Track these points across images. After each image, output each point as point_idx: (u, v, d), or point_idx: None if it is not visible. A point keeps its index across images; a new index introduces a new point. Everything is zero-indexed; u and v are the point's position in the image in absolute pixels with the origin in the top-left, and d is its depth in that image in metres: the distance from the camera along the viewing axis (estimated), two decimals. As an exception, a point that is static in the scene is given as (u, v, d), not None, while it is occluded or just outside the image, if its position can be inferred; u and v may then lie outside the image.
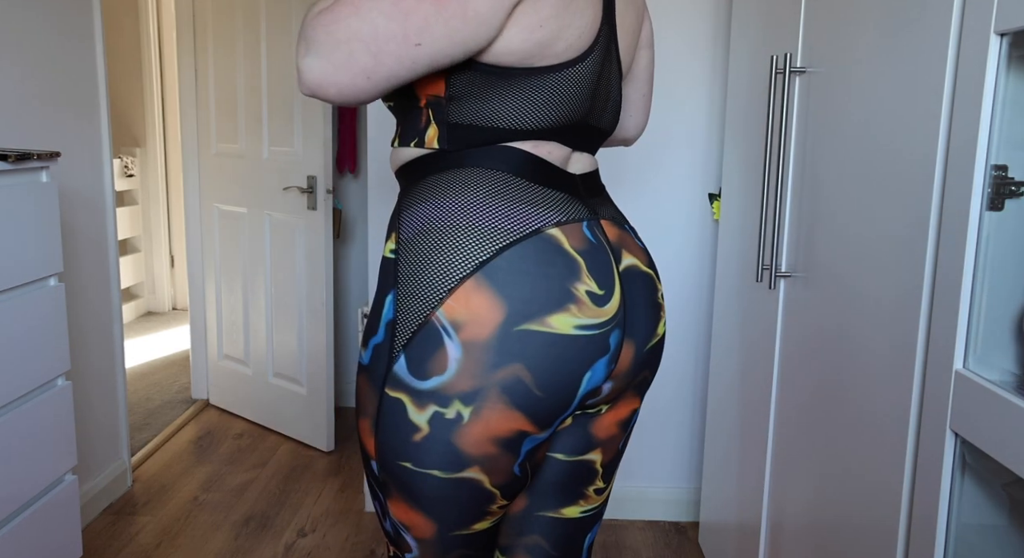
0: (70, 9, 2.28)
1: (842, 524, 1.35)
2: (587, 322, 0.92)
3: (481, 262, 0.90)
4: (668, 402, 2.47)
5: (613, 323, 0.96)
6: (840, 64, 1.38)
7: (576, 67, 0.97)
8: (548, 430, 0.97)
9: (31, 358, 1.61)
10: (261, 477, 2.77)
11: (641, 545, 2.35)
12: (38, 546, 1.66)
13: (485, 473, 0.95)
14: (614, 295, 0.96)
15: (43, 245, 1.64)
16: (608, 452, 1.11)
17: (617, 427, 1.10)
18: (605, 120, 1.07)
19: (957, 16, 1.02)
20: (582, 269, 0.93)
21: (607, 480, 1.14)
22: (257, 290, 3.14)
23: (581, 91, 0.98)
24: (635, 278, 1.02)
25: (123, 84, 4.74)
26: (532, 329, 0.89)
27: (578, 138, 1.03)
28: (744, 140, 1.93)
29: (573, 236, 0.94)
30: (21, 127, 2.08)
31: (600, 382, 0.98)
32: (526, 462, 0.98)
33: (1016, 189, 0.96)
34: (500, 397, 0.90)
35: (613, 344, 0.97)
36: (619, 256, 1.00)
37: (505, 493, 0.99)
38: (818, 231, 1.46)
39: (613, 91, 1.07)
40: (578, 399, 0.96)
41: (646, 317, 1.02)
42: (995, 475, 1.02)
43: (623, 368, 1.01)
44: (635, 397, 1.09)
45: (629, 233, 1.05)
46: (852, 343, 1.31)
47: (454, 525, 1.00)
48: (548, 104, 0.96)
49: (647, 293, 1.03)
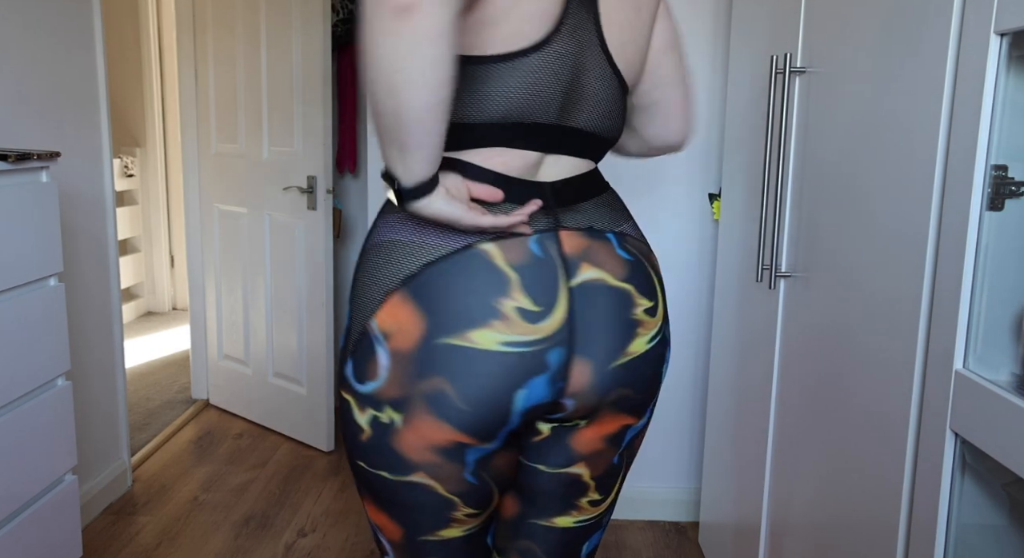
0: (70, 10, 2.28)
1: (842, 524, 1.35)
2: (516, 339, 0.91)
3: (407, 277, 0.92)
4: (668, 402, 2.47)
5: (551, 341, 0.93)
6: (840, 64, 1.38)
7: (530, 57, 0.90)
8: (493, 442, 0.96)
9: (31, 358, 1.61)
10: (261, 477, 2.77)
11: (641, 545, 2.35)
12: (38, 546, 1.66)
13: (434, 479, 0.97)
14: (555, 312, 0.93)
15: (43, 245, 1.64)
16: (597, 466, 1.07)
17: (603, 442, 1.05)
18: (589, 121, 0.99)
19: (957, 16, 1.02)
20: (513, 285, 0.91)
21: (604, 492, 1.10)
22: (257, 290, 3.14)
23: (538, 86, 0.91)
24: (595, 293, 0.96)
25: (123, 84, 4.74)
26: (453, 343, 0.91)
27: (550, 141, 0.96)
28: (744, 140, 1.93)
29: (511, 251, 0.92)
30: (21, 127, 2.08)
31: (546, 399, 0.95)
32: (480, 472, 0.98)
33: (1016, 189, 0.96)
34: (426, 407, 0.92)
35: (553, 362, 0.93)
36: (574, 270, 0.95)
37: (468, 501, 1.00)
38: (818, 231, 1.46)
39: (599, 90, 0.99)
40: (517, 415, 0.94)
41: (610, 334, 0.97)
42: (995, 475, 1.02)
43: (581, 386, 0.97)
44: (622, 414, 1.03)
45: (610, 243, 0.99)
46: (852, 343, 1.31)
47: (419, 530, 1.02)
48: (492, 101, 0.91)
49: (613, 309, 0.97)
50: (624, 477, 1.13)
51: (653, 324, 1.02)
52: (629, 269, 1.00)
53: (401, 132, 0.82)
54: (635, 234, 1.05)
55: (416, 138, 0.82)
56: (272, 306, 3.10)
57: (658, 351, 1.04)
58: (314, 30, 2.77)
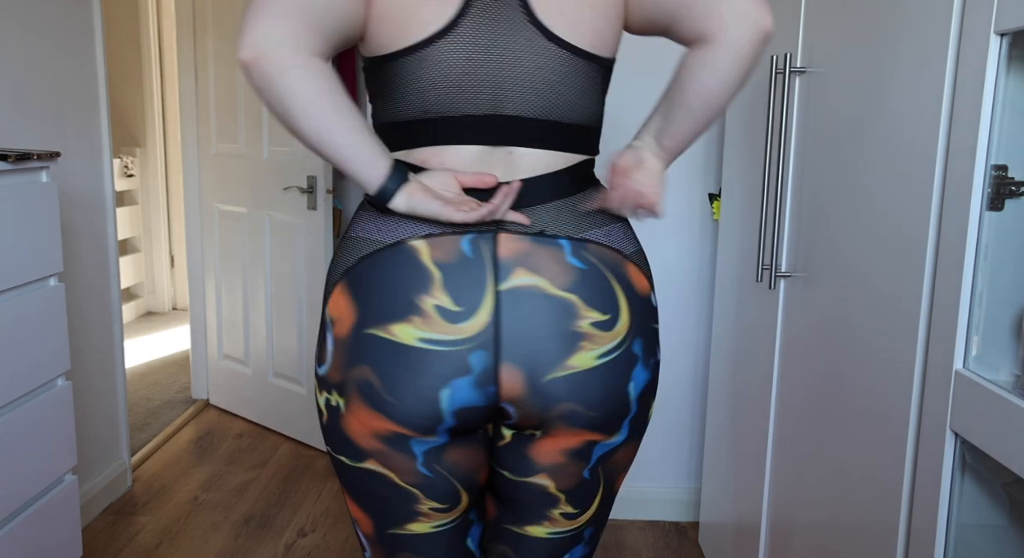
0: (70, 10, 2.28)
1: (842, 524, 1.35)
2: (434, 337, 0.91)
3: (347, 269, 0.96)
4: (668, 402, 2.47)
5: (473, 343, 0.92)
6: (840, 64, 1.38)
7: (435, 46, 0.90)
8: (436, 436, 0.96)
9: (31, 358, 1.61)
10: (261, 477, 2.77)
11: (641, 545, 2.35)
12: (38, 546, 1.66)
13: (386, 468, 0.99)
14: (477, 314, 0.91)
15: (43, 245, 1.64)
16: (563, 480, 1.03)
17: (564, 457, 1.01)
18: (531, 107, 0.93)
19: (957, 16, 1.02)
20: (435, 283, 0.92)
21: (579, 507, 1.06)
22: (257, 290, 3.14)
23: (450, 75, 0.91)
24: (527, 300, 0.92)
25: (123, 84, 4.74)
26: (377, 334, 0.93)
27: (489, 133, 0.93)
28: (744, 140, 1.93)
29: (440, 249, 0.92)
30: (21, 127, 2.08)
31: (477, 402, 0.94)
32: (433, 465, 0.99)
33: (1016, 189, 0.96)
34: (358, 394, 0.95)
35: (476, 365, 0.92)
36: (505, 274, 0.92)
37: (428, 494, 1.01)
38: (818, 231, 1.46)
39: (536, 70, 0.92)
40: (449, 413, 0.94)
41: (543, 343, 0.93)
42: (995, 475, 1.02)
43: (516, 394, 0.95)
44: (580, 430, 0.98)
45: (560, 249, 0.94)
46: (852, 343, 1.31)
47: (387, 522, 1.04)
48: (407, 96, 0.93)
49: (547, 318, 0.93)
50: (606, 494, 1.08)
51: (606, 339, 0.95)
52: (576, 278, 0.94)
53: (321, 154, 0.90)
54: (607, 242, 0.98)
55: (332, 156, 0.90)
56: (272, 306, 3.10)
57: (618, 368, 0.97)
58: (314, 30, 2.76)
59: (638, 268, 1.00)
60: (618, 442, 1.02)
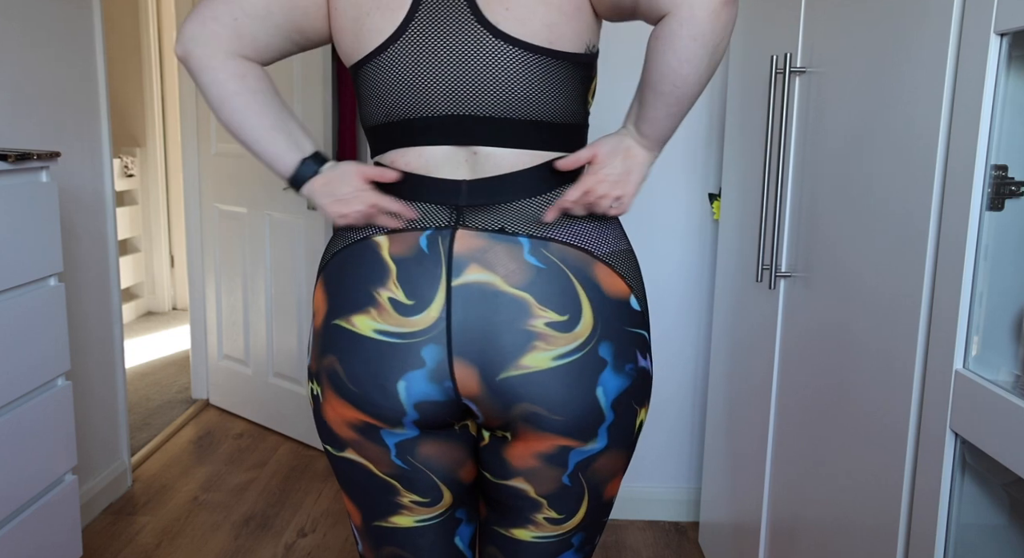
0: (70, 10, 2.28)
1: (842, 524, 1.35)
2: (387, 328, 0.94)
3: (324, 264, 1.02)
4: (668, 402, 2.47)
5: (424, 337, 0.93)
6: (840, 64, 1.38)
7: (387, 52, 0.93)
8: (404, 429, 0.99)
9: (31, 358, 1.61)
10: (261, 477, 2.77)
11: (641, 545, 2.35)
12: (38, 546, 1.66)
13: (364, 458, 1.02)
14: (429, 308, 0.93)
15: (43, 245, 1.64)
16: (541, 485, 1.02)
17: (538, 461, 1.00)
18: (485, 105, 0.93)
19: (957, 16, 1.02)
20: (391, 276, 0.94)
21: (563, 512, 1.04)
22: (257, 290, 3.14)
23: (401, 79, 0.93)
24: (479, 296, 0.92)
25: (123, 84, 4.74)
26: (341, 325, 0.97)
27: (448, 133, 0.94)
28: (744, 140, 1.93)
29: (399, 244, 0.95)
30: (21, 127, 2.08)
31: (435, 396, 0.95)
32: (406, 457, 1.02)
33: (1016, 189, 0.96)
34: (329, 383, 0.99)
35: (429, 359, 0.93)
36: (459, 270, 0.93)
37: (407, 486, 1.04)
38: (818, 231, 1.46)
39: (486, 68, 0.92)
40: (410, 406, 0.95)
41: (496, 341, 0.92)
42: (995, 475, 1.02)
43: (473, 392, 0.95)
44: (549, 433, 0.97)
45: (518, 247, 0.93)
46: (852, 343, 1.31)
47: (372, 513, 1.07)
48: (371, 102, 0.98)
49: (499, 316, 0.92)
50: (595, 502, 1.05)
51: (564, 340, 0.93)
52: (532, 277, 0.93)
53: (242, 146, 1.00)
54: (574, 240, 0.95)
55: (248, 149, 0.99)
56: (272, 306, 3.10)
57: (580, 372, 0.94)
58: (314, 30, 2.77)
59: (610, 269, 0.97)
60: (597, 449, 1.00)
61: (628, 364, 0.98)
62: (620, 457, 1.03)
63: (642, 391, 1.01)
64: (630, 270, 1.00)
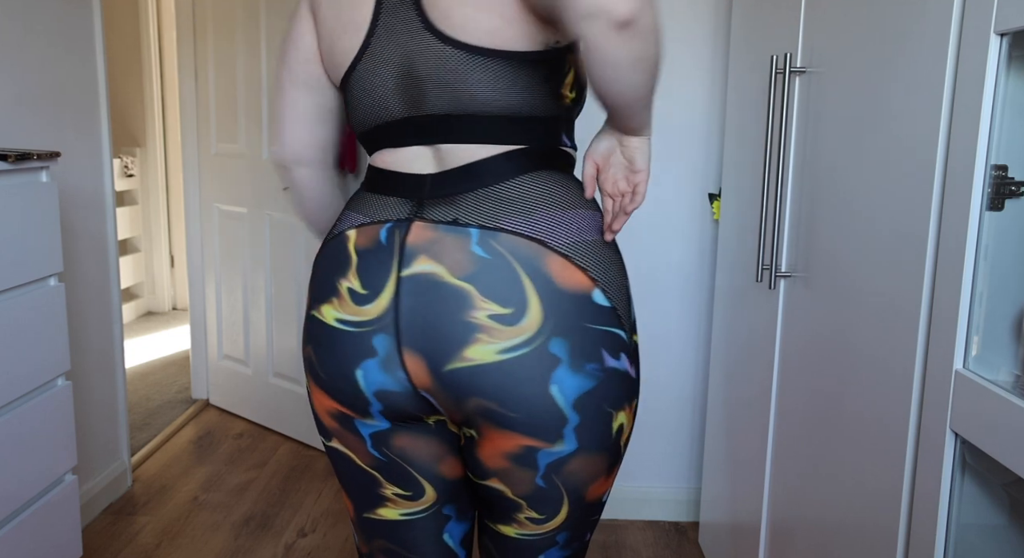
0: (70, 10, 2.28)
1: (842, 524, 1.35)
2: (345, 317, 0.98)
3: (315, 258, 1.08)
4: (668, 402, 2.47)
5: (375, 326, 0.95)
6: (840, 64, 1.38)
7: (359, 66, 1.01)
8: (373, 419, 1.02)
9: (31, 358, 1.61)
10: (261, 477, 2.77)
11: (641, 545, 2.35)
12: (38, 546, 1.66)
13: (346, 448, 1.07)
14: (379, 297, 0.95)
15: (43, 245, 1.64)
16: (515, 486, 1.00)
17: (507, 461, 0.98)
18: (440, 105, 0.96)
19: (957, 16, 1.02)
20: (351, 267, 0.99)
21: (544, 513, 1.03)
22: (257, 290, 3.14)
23: (369, 89, 1.00)
24: (424, 287, 0.93)
25: (123, 84, 4.74)
26: (314, 315, 1.02)
27: (412, 133, 0.98)
28: (744, 140, 1.93)
29: (363, 236, 0.99)
30: (21, 127, 2.08)
31: (391, 386, 0.97)
32: (381, 448, 1.05)
33: (1016, 189, 0.96)
34: (309, 372, 1.04)
35: (380, 348, 0.95)
36: (409, 260, 0.94)
37: (387, 477, 1.07)
38: (818, 231, 1.46)
39: (437, 72, 0.94)
40: (371, 395, 0.99)
41: (437, 332, 0.92)
42: (995, 475, 1.02)
43: (426, 383, 0.95)
44: (508, 431, 0.95)
45: (467, 238, 0.93)
46: (852, 343, 1.31)
47: (360, 505, 1.11)
48: (353, 113, 1.06)
49: (441, 306, 0.92)
50: (576, 504, 1.02)
51: (508, 333, 0.91)
52: (477, 268, 0.92)
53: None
54: (528, 231, 0.93)
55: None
56: (272, 306, 3.10)
57: (528, 368, 0.92)
58: (314, 30, 2.77)
59: (568, 260, 0.93)
60: (566, 452, 0.97)
61: (591, 364, 0.94)
62: (597, 461, 1.00)
63: (616, 394, 0.97)
64: (597, 262, 0.96)
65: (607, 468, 1.02)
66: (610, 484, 1.05)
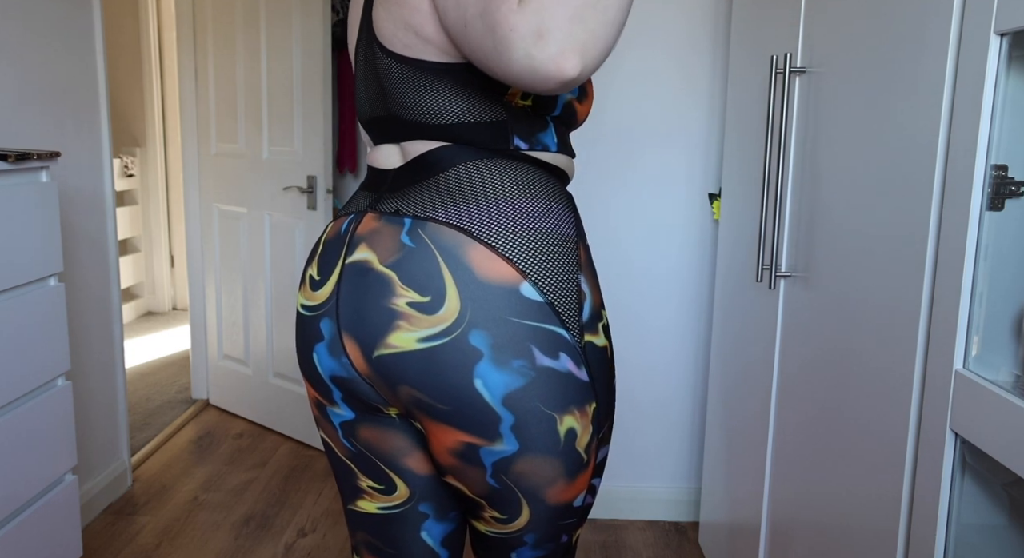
0: (70, 10, 2.28)
1: (842, 524, 1.35)
2: (305, 302, 1.04)
3: None
4: (668, 402, 2.47)
5: (322, 310, 1.00)
6: (840, 64, 1.38)
7: (355, 67, 1.08)
8: (339, 407, 1.05)
9: (31, 358, 1.61)
10: (261, 477, 2.77)
11: (641, 545, 2.35)
12: (38, 546, 1.66)
13: (328, 438, 1.11)
14: (327, 283, 1.00)
15: (43, 245, 1.64)
16: (470, 484, 0.98)
17: (453, 458, 0.96)
18: (387, 106, 1.01)
19: (957, 16, 1.02)
20: (316, 255, 1.04)
21: (505, 514, 1.00)
22: (257, 290, 3.14)
23: (358, 89, 1.07)
24: (359, 274, 0.95)
25: (123, 84, 4.74)
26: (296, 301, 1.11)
27: (383, 131, 1.04)
28: (744, 140, 1.93)
29: (333, 228, 1.04)
30: (21, 127, 2.08)
31: (339, 371, 1.00)
32: (351, 439, 1.08)
33: (1016, 189, 0.96)
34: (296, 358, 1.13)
35: (325, 332, 1.00)
36: (352, 249, 0.98)
37: (361, 470, 1.10)
38: (818, 231, 1.46)
39: (384, 75, 0.99)
40: (327, 379, 1.02)
41: (368, 318, 0.94)
42: (995, 475, 1.02)
43: (363, 368, 0.96)
44: (444, 425, 0.94)
45: (399, 227, 0.94)
46: (852, 343, 1.31)
47: (344, 496, 1.15)
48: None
49: (372, 293, 0.93)
50: (537, 506, 0.99)
51: (427, 322, 0.90)
52: (401, 255, 0.92)
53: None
54: (454, 221, 0.92)
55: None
56: (272, 306, 3.10)
57: (448, 359, 0.90)
58: (314, 30, 2.77)
59: (493, 251, 0.90)
60: (509, 452, 0.93)
61: (518, 360, 0.90)
62: (548, 465, 0.95)
63: (555, 395, 0.92)
64: (532, 256, 0.91)
65: (565, 473, 0.97)
66: (578, 490, 1.00)
